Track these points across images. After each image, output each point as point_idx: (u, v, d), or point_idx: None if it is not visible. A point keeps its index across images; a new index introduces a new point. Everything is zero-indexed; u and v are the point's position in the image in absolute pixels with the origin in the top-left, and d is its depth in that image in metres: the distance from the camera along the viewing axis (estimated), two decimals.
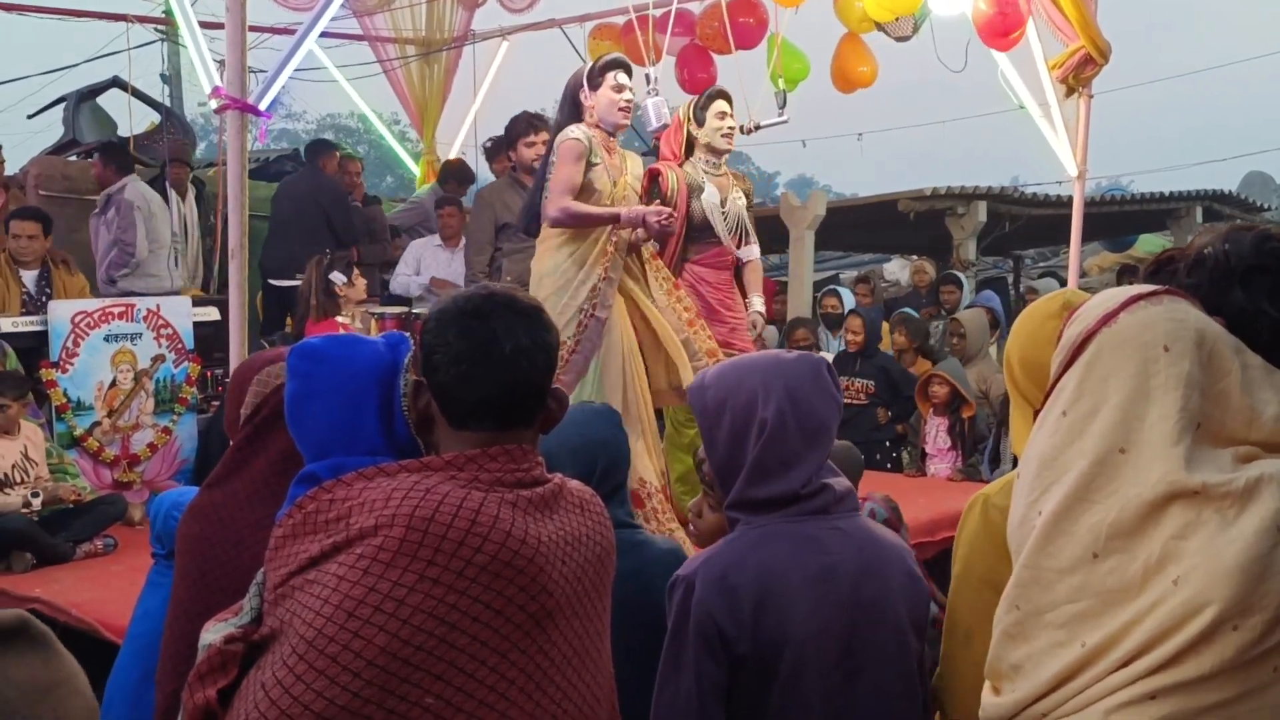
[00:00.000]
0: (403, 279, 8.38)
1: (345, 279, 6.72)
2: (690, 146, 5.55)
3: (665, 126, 5.34)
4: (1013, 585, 1.59)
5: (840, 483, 2.35)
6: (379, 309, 7.38)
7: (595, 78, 5.04)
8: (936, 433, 7.39)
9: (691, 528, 2.65)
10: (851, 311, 9.06)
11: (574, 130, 4.98)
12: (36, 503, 5.48)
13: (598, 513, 1.99)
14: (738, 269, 5.72)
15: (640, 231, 5.06)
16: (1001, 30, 6.09)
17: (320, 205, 8.52)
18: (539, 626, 1.78)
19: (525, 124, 6.75)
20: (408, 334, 2.19)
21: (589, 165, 4.97)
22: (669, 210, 5.10)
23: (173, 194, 8.74)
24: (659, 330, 5.21)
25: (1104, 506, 1.50)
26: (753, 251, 5.75)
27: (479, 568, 1.71)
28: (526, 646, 1.76)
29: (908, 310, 9.38)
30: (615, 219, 4.97)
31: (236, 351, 4.19)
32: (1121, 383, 1.54)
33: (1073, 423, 1.57)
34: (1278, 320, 1.57)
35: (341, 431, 2.08)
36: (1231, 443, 1.49)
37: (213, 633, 1.86)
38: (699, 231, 5.45)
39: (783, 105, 6.05)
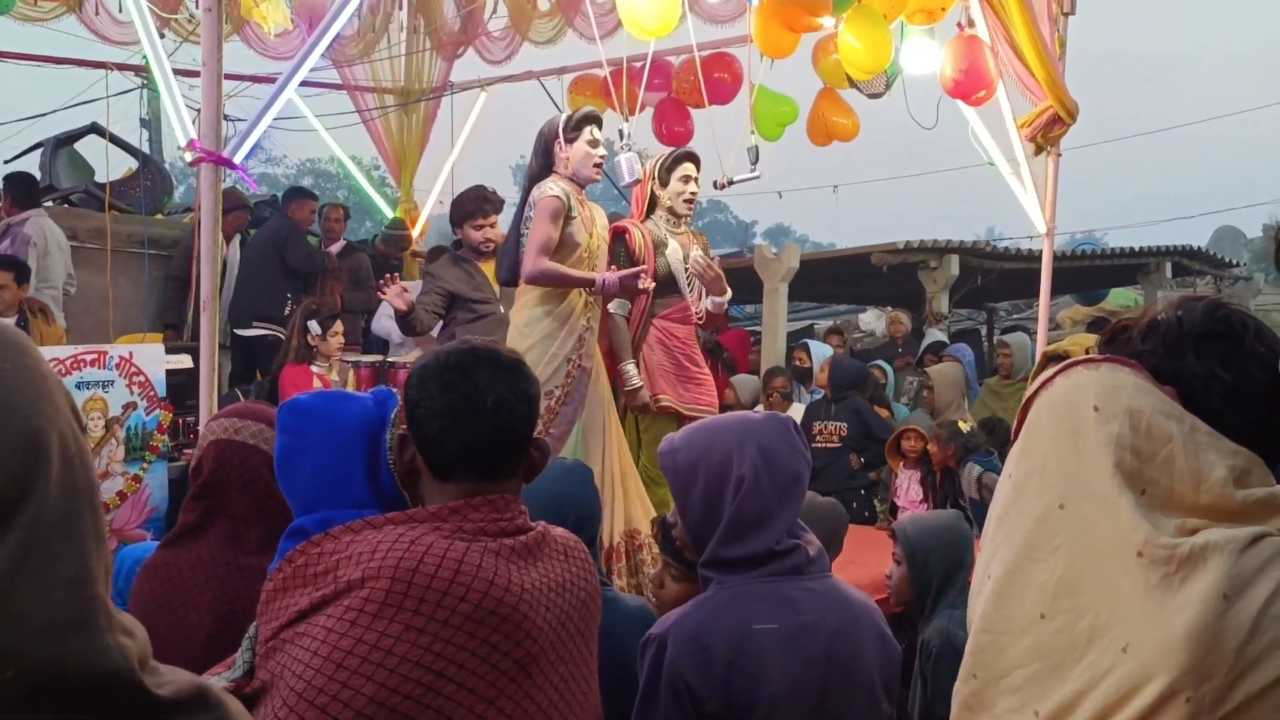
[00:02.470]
0: (386, 322, 8.32)
1: (320, 332, 6.74)
2: (653, 202, 5.58)
3: (638, 181, 5.38)
4: (970, 653, 1.60)
5: (812, 544, 2.38)
6: (355, 358, 7.38)
7: (570, 131, 5.06)
8: (909, 485, 7.41)
9: (653, 598, 2.67)
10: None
11: (552, 187, 4.98)
12: None
13: (581, 559, 2.03)
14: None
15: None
16: (969, 90, 6.18)
17: (275, 247, 8.52)
18: (524, 672, 1.81)
19: (474, 204, 6.51)
20: (395, 390, 2.23)
21: (567, 220, 4.99)
22: (641, 269, 5.14)
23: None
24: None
25: (1049, 564, 1.52)
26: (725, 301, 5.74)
27: (464, 616, 1.75)
28: (513, 693, 1.80)
29: (879, 364, 9.45)
30: (590, 284, 4.99)
31: (206, 402, 4.19)
32: (1055, 442, 1.57)
33: (1016, 484, 1.61)
34: (1230, 385, 1.60)
35: (329, 485, 2.13)
36: (1180, 508, 1.50)
37: None
38: (664, 286, 5.45)
39: (755, 161, 6.11)
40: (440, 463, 1.92)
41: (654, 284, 5.24)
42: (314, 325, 6.76)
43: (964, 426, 6.95)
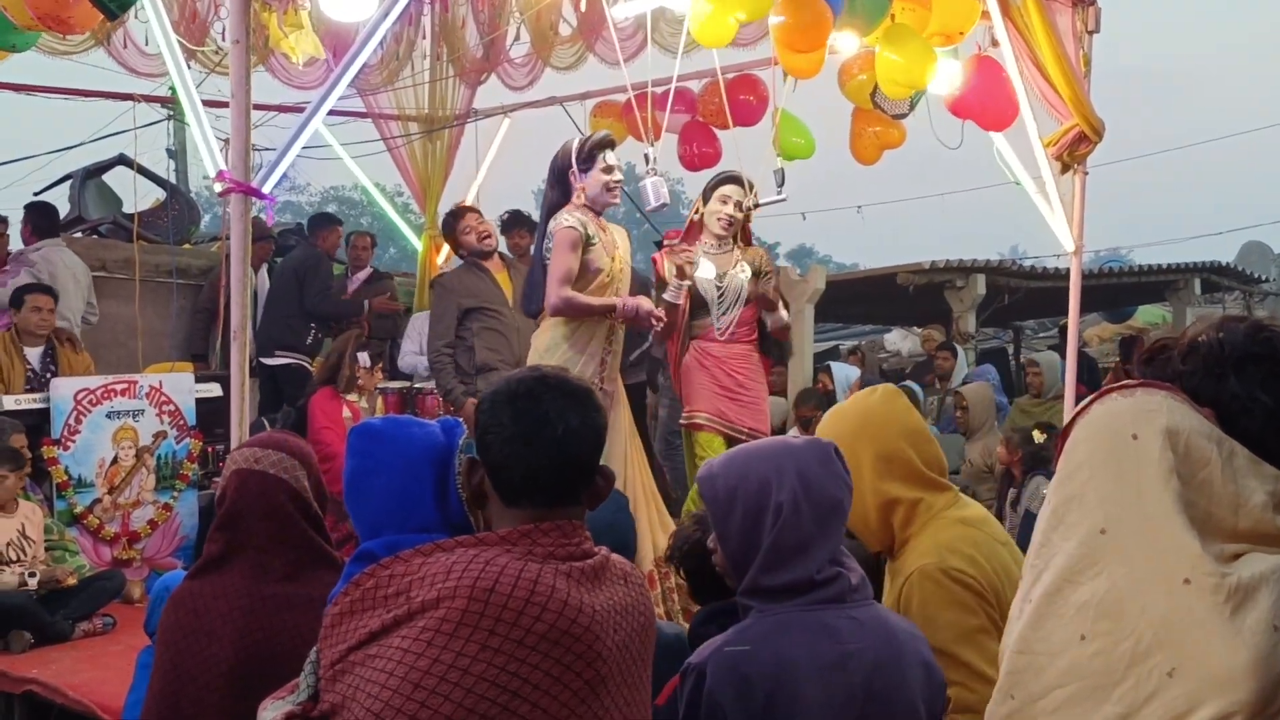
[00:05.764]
0: (410, 357, 8.39)
1: (369, 365, 6.85)
2: (702, 220, 5.69)
3: (664, 205, 5.40)
4: (1006, 674, 1.60)
5: (854, 571, 2.34)
6: (382, 384, 7.42)
7: (584, 159, 5.10)
8: None
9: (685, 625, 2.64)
10: (860, 377, 9.17)
11: (568, 218, 5.04)
12: (33, 583, 5.47)
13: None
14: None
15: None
16: (975, 111, 6.18)
17: (298, 278, 8.58)
18: (594, 693, 1.83)
19: (451, 219, 7.11)
20: (461, 420, 2.30)
21: (587, 247, 5.03)
22: (660, 314, 5.20)
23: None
24: None
25: (1090, 588, 1.52)
26: (780, 318, 5.77)
27: (539, 636, 1.78)
28: (583, 713, 1.82)
29: (908, 385, 9.40)
30: (611, 309, 5.06)
31: (237, 431, 4.20)
32: (1094, 469, 1.58)
33: (1055, 510, 1.62)
34: (1271, 408, 1.59)
35: (398, 508, 2.19)
36: (1220, 533, 1.50)
37: (271, 710, 1.93)
38: (698, 308, 5.53)
39: (781, 183, 6.12)
40: (509, 488, 1.94)
41: (663, 323, 5.31)
42: (364, 357, 6.86)
43: (1039, 437, 6.95)
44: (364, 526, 2.22)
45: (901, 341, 16.07)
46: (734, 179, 5.72)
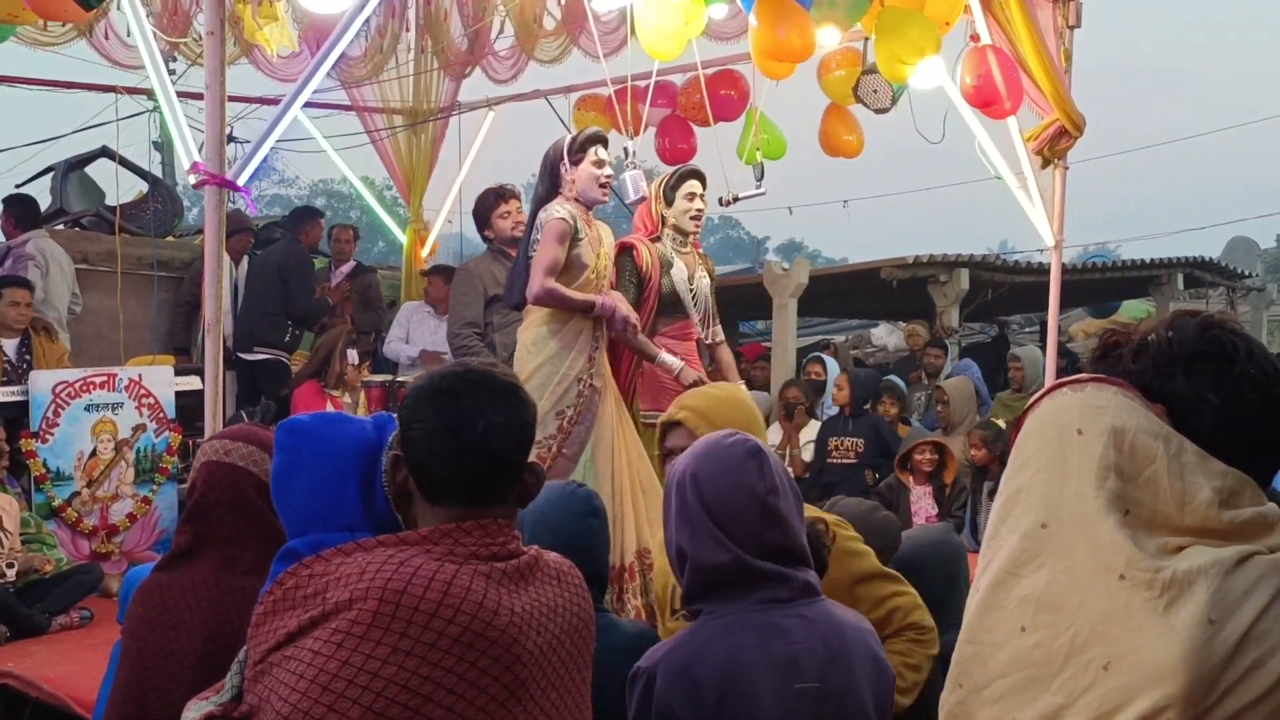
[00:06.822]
0: (395, 345, 8.42)
1: (357, 362, 6.89)
2: (661, 221, 5.58)
3: (643, 199, 5.38)
4: (955, 662, 1.62)
5: (802, 572, 2.32)
6: (365, 378, 7.43)
7: (575, 153, 5.07)
8: (922, 499, 7.39)
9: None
10: (843, 371, 9.19)
11: (559, 210, 4.99)
12: (11, 573, 5.46)
13: (575, 584, 2.00)
14: (706, 353, 5.78)
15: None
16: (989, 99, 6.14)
17: (282, 276, 8.54)
18: (513, 697, 1.79)
19: (494, 197, 6.77)
20: (395, 414, 2.23)
21: (574, 242, 5.00)
22: (636, 323, 5.17)
23: (227, 260, 8.74)
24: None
25: (1032, 580, 1.54)
26: (719, 334, 5.79)
27: (451, 639, 1.74)
28: (502, 717, 1.78)
29: (892, 379, 9.41)
30: (590, 306, 5.01)
31: (211, 423, 4.19)
32: (1040, 463, 1.59)
33: (1004, 502, 1.63)
34: (1219, 407, 1.59)
35: (322, 506, 2.13)
36: (1165, 528, 1.50)
37: (194, 711, 1.90)
38: (668, 306, 5.46)
39: (760, 177, 6.11)
40: (431, 485, 1.90)
41: (652, 302, 5.25)
42: (352, 354, 6.88)
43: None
44: (290, 524, 2.18)
45: (888, 336, 16.08)
46: (697, 173, 5.65)
